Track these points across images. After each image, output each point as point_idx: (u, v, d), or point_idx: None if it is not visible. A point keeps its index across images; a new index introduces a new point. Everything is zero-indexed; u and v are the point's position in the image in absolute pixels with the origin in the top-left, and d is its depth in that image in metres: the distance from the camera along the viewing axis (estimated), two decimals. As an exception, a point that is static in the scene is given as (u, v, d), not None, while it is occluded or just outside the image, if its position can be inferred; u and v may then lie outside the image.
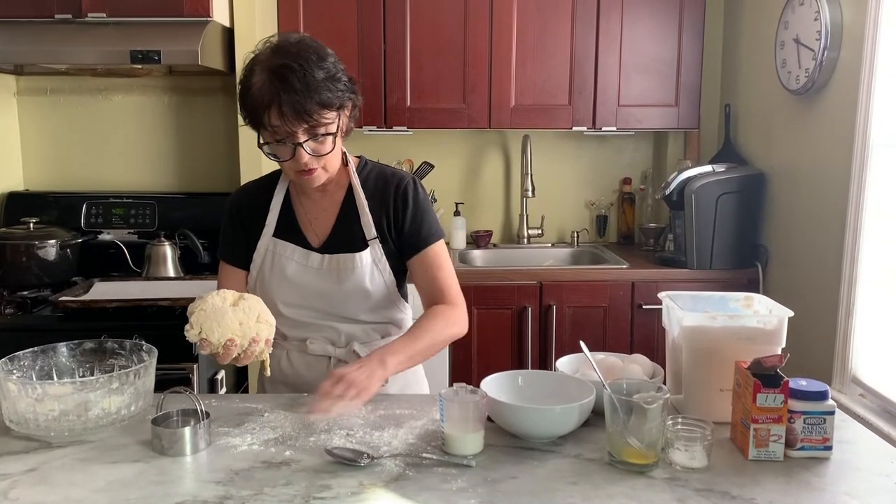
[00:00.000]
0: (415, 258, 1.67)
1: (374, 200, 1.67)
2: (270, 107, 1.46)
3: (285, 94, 1.44)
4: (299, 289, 1.66)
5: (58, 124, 3.15)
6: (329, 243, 1.67)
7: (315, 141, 1.52)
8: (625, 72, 3.16)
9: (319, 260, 1.65)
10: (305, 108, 1.46)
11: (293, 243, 1.67)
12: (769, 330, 1.42)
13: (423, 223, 1.67)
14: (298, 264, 1.66)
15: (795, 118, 2.71)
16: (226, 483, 1.20)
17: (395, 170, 1.74)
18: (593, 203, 3.55)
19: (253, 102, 1.49)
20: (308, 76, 1.46)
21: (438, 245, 1.69)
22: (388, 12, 3.07)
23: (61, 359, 1.51)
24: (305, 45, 1.51)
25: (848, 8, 2.39)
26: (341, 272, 1.64)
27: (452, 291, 1.68)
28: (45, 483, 1.20)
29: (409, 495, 1.16)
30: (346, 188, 1.69)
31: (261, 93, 1.47)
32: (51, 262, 2.68)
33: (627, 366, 1.52)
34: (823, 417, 1.29)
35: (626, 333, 2.96)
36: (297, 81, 1.45)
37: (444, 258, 1.69)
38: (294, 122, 1.47)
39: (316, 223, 1.69)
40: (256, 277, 1.70)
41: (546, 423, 1.34)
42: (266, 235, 1.69)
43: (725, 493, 1.17)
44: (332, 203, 1.69)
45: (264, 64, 1.48)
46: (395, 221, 1.67)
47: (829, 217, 2.46)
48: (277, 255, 1.67)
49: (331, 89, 1.49)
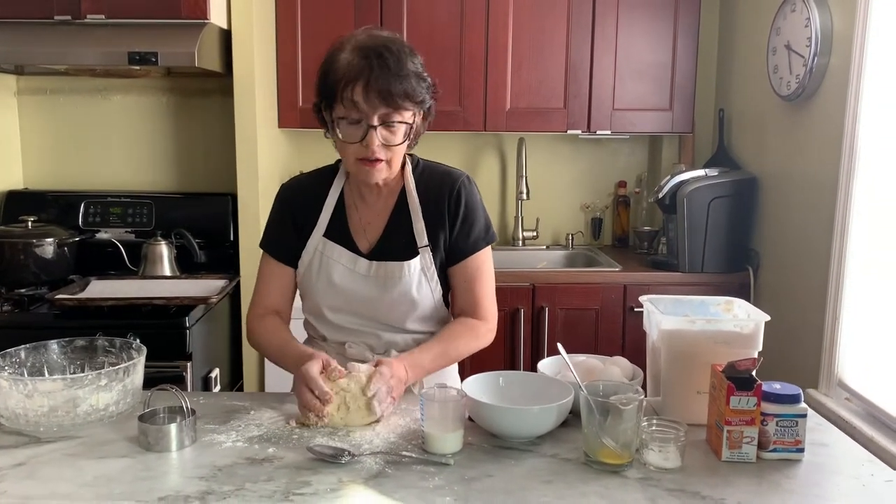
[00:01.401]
0: (461, 264, 1.66)
1: (429, 203, 1.65)
2: (356, 81, 1.46)
3: (377, 71, 1.45)
4: (345, 294, 1.64)
5: (57, 124, 3.19)
6: (378, 249, 1.64)
7: (387, 129, 1.51)
8: (620, 76, 3.18)
9: (367, 266, 1.63)
10: (392, 90, 1.46)
11: (342, 246, 1.65)
12: (746, 334, 1.44)
13: (472, 229, 1.65)
14: (346, 269, 1.64)
15: (787, 124, 2.73)
16: (208, 479, 1.23)
17: (449, 169, 1.71)
18: (588, 206, 3.58)
19: (336, 75, 1.48)
20: (402, 63, 1.48)
21: (483, 254, 1.67)
22: (384, 17, 3.10)
23: (53, 356, 1.54)
24: (400, 40, 1.54)
25: (837, 15, 2.41)
26: (388, 280, 1.62)
27: (485, 304, 1.66)
28: (32, 477, 1.23)
29: (386, 492, 1.19)
30: (400, 192, 1.67)
31: (349, 67, 1.46)
32: (48, 260, 2.71)
33: (607, 368, 1.54)
34: (796, 420, 1.31)
35: (618, 336, 2.98)
36: (393, 64, 1.46)
37: (485, 269, 1.67)
38: (377, 101, 1.46)
39: (368, 227, 1.66)
40: (304, 276, 1.67)
41: (524, 423, 1.36)
42: (317, 235, 1.66)
43: (696, 493, 1.20)
44: (385, 207, 1.66)
45: (358, 43, 1.49)
46: (448, 224, 1.65)
47: (819, 222, 2.48)
48: (325, 256, 1.65)
49: (418, 83, 1.51)
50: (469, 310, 1.66)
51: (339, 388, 1.43)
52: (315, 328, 1.73)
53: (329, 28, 3.07)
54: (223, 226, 3.05)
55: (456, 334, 1.62)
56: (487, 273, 1.68)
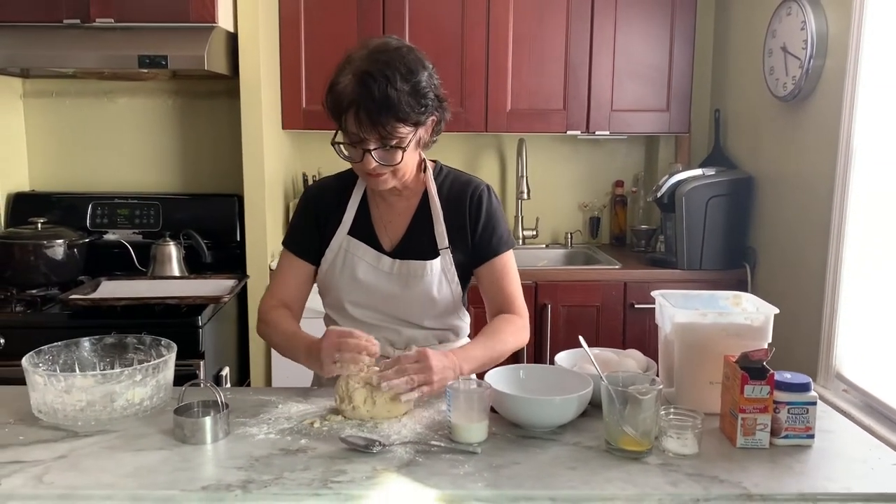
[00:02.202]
0: (483, 266, 1.72)
1: (450, 208, 1.70)
2: (349, 110, 1.50)
3: (363, 102, 1.47)
4: (367, 290, 1.70)
5: (63, 126, 3.22)
6: (401, 248, 1.70)
7: (384, 150, 1.54)
8: (618, 78, 3.25)
9: (390, 264, 1.69)
10: (380, 119, 1.48)
11: (366, 244, 1.70)
12: (756, 326, 1.50)
13: (494, 232, 1.71)
14: (369, 266, 1.69)
15: (783, 124, 2.80)
16: (247, 468, 1.27)
17: (471, 176, 1.77)
18: (587, 205, 3.64)
19: (335, 101, 1.53)
20: (390, 88, 1.47)
21: (507, 255, 1.73)
22: (387, 20, 3.15)
23: (84, 353, 1.58)
24: (400, 56, 1.53)
25: (833, 18, 2.48)
26: (410, 278, 1.68)
27: (518, 301, 1.72)
28: (75, 469, 1.28)
29: (420, 479, 1.24)
30: (422, 194, 1.72)
31: (343, 94, 1.50)
32: (58, 261, 2.74)
33: (623, 360, 1.60)
34: (806, 408, 1.38)
35: (619, 332, 3.04)
36: (377, 91, 1.47)
37: (511, 268, 1.73)
38: (368, 129, 1.50)
39: (390, 227, 1.72)
40: (327, 272, 1.72)
41: (547, 413, 1.42)
42: (341, 233, 1.71)
43: (714, 478, 1.26)
44: (408, 208, 1.72)
45: (355, 65, 1.51)
46: (470, 229, 1.70)
47: (815, 220, 2.55)
48: (350, 253, 1.70)
49: (412, 105, 1.51)
50: (504, 307, 1.72)
51: (365, 382, 1.48)
52: (336, 323, 1.77)
53: (332, 32, 3.11)
54: (230, 226, 3.08)
55: (500, 329, 1.67)
56: (514, 273, 1.74)
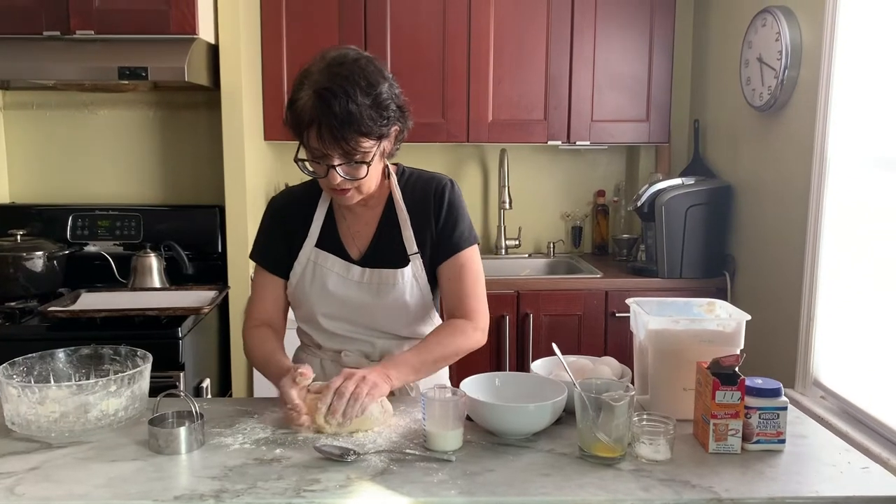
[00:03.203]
0: (446, 263, 1.68)
1: (416, 209, 1.69)
2: (311, 127, 1.48)
3: (324, 119, 1.45)
4: (339, 301, 1.68)
5: (44, 138, 3.21)
6: (369, 256, 1.69)
7: (349, 165, 1.53)
8: (598, 88, 3.28)
9: (360, 273, 1.67)
10: (343, 135, 1.47)
11: (334, 255, 1.69)
12: (728, 332, 1.52)
13: (456, 226, 1.68)
14: (339, 276, 1.68)
15: (760, 134, 2.84)
16: (221, 478, 1.27)
17: (434, 174, 1.74)
18: (568, 215, 3.66)
19: (296, 118, 1.50)
20: (351, 103, 1.46)
21: (470, 251, 1.68)
22: (368, 31, 3.17)
23: (59, 364, 1.58)
24: (359, 68, 1.50)
25: (806, 29, 2.52)
26: (382, 287, 1.66)
27: (470, 302, 1.66)
28: (48, 480, 1.27)
29: (393, 487, 1.25)
30: (387, 200, 1.70)
31: (304, 110, 1.48)
32: (38, 273, 2.73)
33: (597, 367, 1.61)
34: (777, 413, 1.39)
35: (600, 340, 3.06)
36: (338, 107, 1.45)
37: (470, 268, 1.68)
38: (331, 146, 1.48)
39: (357, 236, 1.71)
40: (297, 286, 1.71)
41: (521, 421, 1.43)
42: (308, 245, 1.70)
43: (686, 483, 1.27)
44: (374, 216, 1.70)
45: (313, 80, 1.48)
46: (433, 224, 1.67)
47: (792, 228, 2.58)
48: (319, 265, 1.69)
49: (373, 118, 1.49)
50: (455, 309, 1.68)
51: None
52: (310, 336, 1.77)
53: (314, 43, 3.12)
54: (211, 237, 3.08)
55: (441, 334, 1.64)
56: (473, 272, 1.69)
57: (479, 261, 1.72)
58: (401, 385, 1.56)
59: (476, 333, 1.66)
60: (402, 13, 3.16)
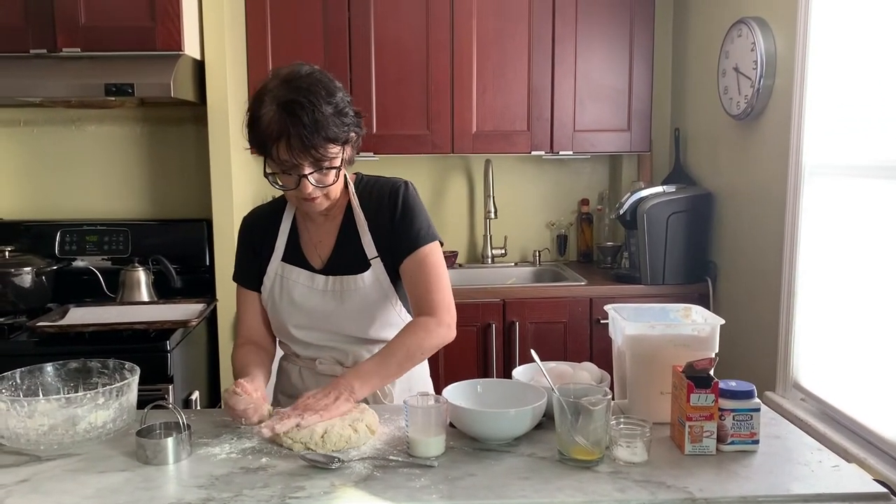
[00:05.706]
0: (405, 262, 1.68)
1: (373, 214, 1.72)
2: (279, 140, 1.52)
3: (294, 129, 1.49)
4: (306, 311, 1.72)
5: (31, 155, 3.23)
6: (331, 265, 1.72)
7: (319, 173, 1.58)
8: (580, 99, 3.33)
9: (323, 281, 1.71)
10: (313, 143, 1.51)
11: (299, 267, 1.73)
12: (703, 337, 1.56)
13: (413, 224, 1.69)
14: (305, 287, 1.72)
15: (738, 142, 2.89)
16: (207, 487, 1.30)
17: (389, 178, 1.77)
18: (553, 223, 3.71)
19: (261, 134, 1.54)
20: (317, 112, 1.50)
21: (429, 248, 1.69)
22: (353, 43, 3.21)
23: (47, 378, 1.60)
24: (315, 80, 1.55)
25: (780, 39, 2.58)
26: (345, 293, 1.70)
27: (434, 296, 1.66)
28: (37, 492, 1.30)
29: (376, 493, 1.28)
30: (346, 209, 1.74)
31: (270, 125, 1.51)
32: (26, 289, 2.74)
33: (577, 372, 1.65)
34: (750, 414, 1.43)
35: (585, 347, 3.10)
36: (306, 117, 1.49)
37: (431, 264, 1.68)
38: (301, 155, 1.53)
39: (320, 246, 1.75)
40: (267, 300, 1.77)
41: (502, 426, 1.46)
42: (275, 260, 1.75)
43: (662, 484, 1.30)
44: (334, 226, 1.74)
45: (274, 95, 1.52)
46: (390, 225, 1.70)
47: (770, 233, 2.63)
48: (285, 278, 1.74)
49: (337, 124, 1.54)
50: (419, 306, 1.68)
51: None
52: (287, 346, 1.83)
53: (299, 57, 3.09)
54: (199, 251, 3.10)
55: (403, 335, 1.64)
56: (434, 268, 1.69)
57: (441, 258, 1.72)
58: (369, 393, 1.59)
59: (440, 329, 1.66)
60: (387, 27, 3.21)
